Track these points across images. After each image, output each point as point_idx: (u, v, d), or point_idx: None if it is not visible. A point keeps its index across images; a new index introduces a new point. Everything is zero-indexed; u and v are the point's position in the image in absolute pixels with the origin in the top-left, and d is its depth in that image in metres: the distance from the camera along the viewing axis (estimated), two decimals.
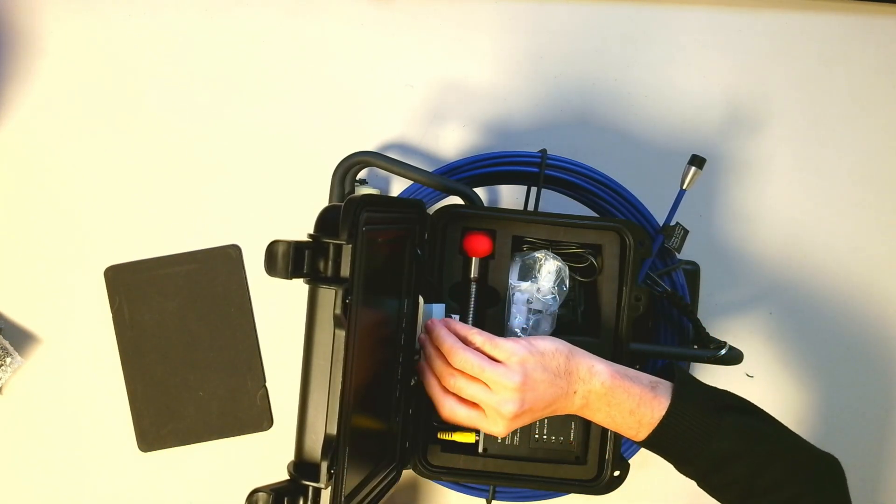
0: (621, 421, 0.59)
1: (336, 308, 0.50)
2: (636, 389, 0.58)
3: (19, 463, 0.81)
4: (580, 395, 0.58)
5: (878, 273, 0.84)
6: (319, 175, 0.75)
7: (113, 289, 0.81)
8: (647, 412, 0.58)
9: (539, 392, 0.57)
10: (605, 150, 0.84)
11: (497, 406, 0.56)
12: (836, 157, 0.85)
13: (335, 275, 0.51)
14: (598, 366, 0.59)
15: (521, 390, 0.56)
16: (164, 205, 0.82)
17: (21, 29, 0.82)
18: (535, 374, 0.57)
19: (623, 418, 0.58)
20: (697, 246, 0.80)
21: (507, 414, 0.56)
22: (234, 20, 0.83)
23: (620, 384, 0.58)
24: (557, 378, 0.58)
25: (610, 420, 0.59)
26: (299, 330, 0.51)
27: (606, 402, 0.58)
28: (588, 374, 0.58)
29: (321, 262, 0.51)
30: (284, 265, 0.49)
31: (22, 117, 0.82)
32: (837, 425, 0.84)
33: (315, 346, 0.51)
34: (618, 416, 0.58)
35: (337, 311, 0.50)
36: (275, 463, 0.81)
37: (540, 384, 0.57)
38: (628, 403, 0.58)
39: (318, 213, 0.52)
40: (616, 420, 0.59)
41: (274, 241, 0.49)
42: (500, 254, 0.67)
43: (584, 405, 0.59)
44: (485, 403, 0.57)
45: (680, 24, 0.84)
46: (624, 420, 0.58)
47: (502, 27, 0.84)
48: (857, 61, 0.85)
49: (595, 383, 0.58)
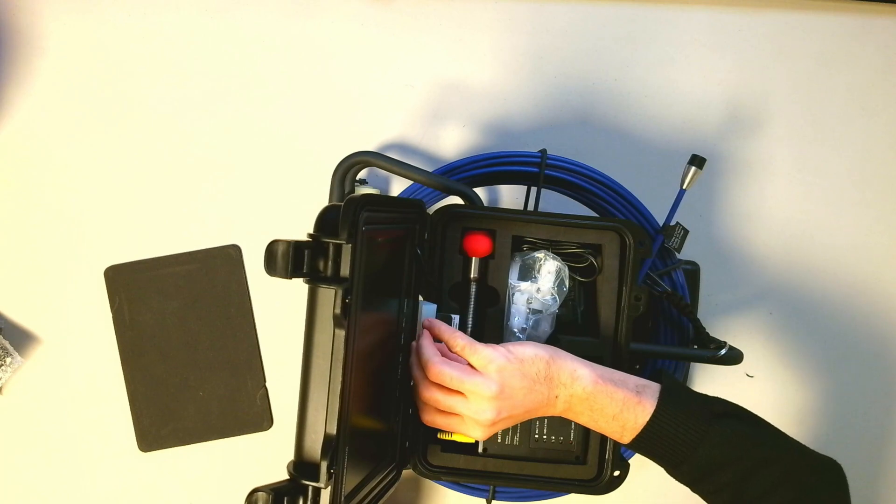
0: (605, 425, 0.59)
1: (336, 308, 0.50)
2: (620, 394, 0.58)
3: (19, 463, 0.81)
4: (562, 399, 0.59)
5: (878, 273, 0.84)
6: (319, 175, 0.75)
7: (113, 289, 0.81)
8: (631, 417, 0.58)
9: (516, 399, 0.57)
10: (605, 150, 0.84)
11: (474, 415, 0.57)
12: (836, 157, 0.85)
13: (335, 274, 0.51)
14: (580, 370, 0.59)
15: (497, 399, 0.56)
16: (164, 205, 0.82)
17: (21, 29, 0.82)
18: (513, 382, 0.57)
19: (606, 422, 0.59)
20: (697, 246, 0.80)
21: (485, 422, 0.57)
22: (234, 20, 0.83)
23: (603, 389, 0.58)
24: (537, 384, 0.58)
25: (593, 423, 0.59)
26: (299, 330, 0.51)
27: (589, 406, 0.58)
28: (570, 378, 0.58)
29: (321, 261, 0.51)
30: (284, 265, 0.49)
31: (22, 117, 0.82)
32: (837, 425, 0.84)
33: (315, 345, 0.51)
34: (601, 419, 0.59)
35: (337, 311, 0.50)
36: (275, 463, 0.81)
37: (518, 391, 0.57)
38: (611, 408, 0.58)
39: (318, 213, 0.52)
40: (599, 423, 0.59)
41: (273, 240, 0.49)
42: (500, 254, 0.67)
43: (567, 409, 0.59)
44: (461, 413, 0.58)
45: (680, 24, 0.84)
46: (607, 424, 0.59)
47: (502, 27, 0.84)
48: (857, 61, 0.85)
49: (577, 388, 0.58)
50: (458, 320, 0.67)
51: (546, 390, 0.58)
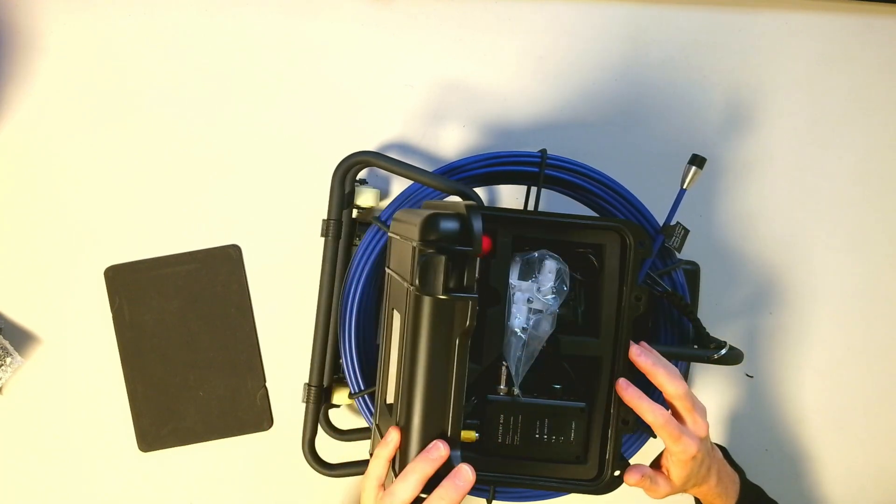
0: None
1: (469, 319, 0.49)
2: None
3: (19, 463, 0.81)
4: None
5: (877, 273, 0.84)
6: (319, 175, 0.75)
7: (113, 289, 0.81)
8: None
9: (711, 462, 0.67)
10: (605, 150, 0.84)
11: (698, 430, 0.64)
12: (836, 157, 0.85)
13: (470, 285, 0.51)
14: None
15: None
16: (163, 204, 0.82)
17: (21, 29, 0.82)
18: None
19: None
20: (697, 246, 0.80)
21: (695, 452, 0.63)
22: (234, 20, 0.83)
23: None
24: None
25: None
26: (299, 330, 0.51)
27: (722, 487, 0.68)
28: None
29: (456, 273, 0.51)
30: (445, 282, 0.49)
31: (22, 117, 0.82)
32: (837, 425, 0.84)
33: (433, 355, 0.51)
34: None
35: (473, 322, 0.50)
36: (275, 463, 0.81)
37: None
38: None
39: (432, 221, 0.51)
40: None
41: (428, 254, 0.48)
42: (500, 254, 0.67)
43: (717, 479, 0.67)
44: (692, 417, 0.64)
45: (680, 24, 0.84)
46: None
47: (502, 27, 0.84)
48: (857, 61, 0.85)
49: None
50: None
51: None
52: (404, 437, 0.55)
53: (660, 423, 0.60)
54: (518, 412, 0.67)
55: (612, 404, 0.66)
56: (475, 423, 0.67)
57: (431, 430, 0.52)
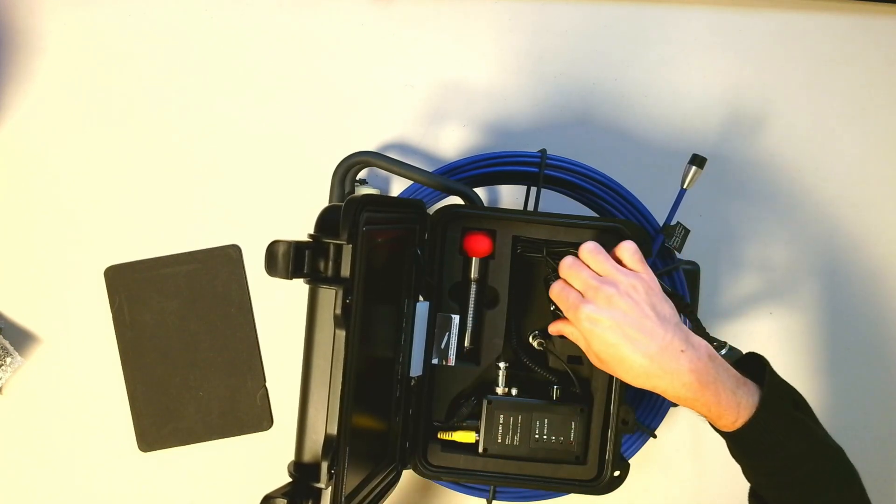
0: (725, 399, 0.56)
1: (336, 308, 0.50)
2: (732, 370, 0.57)
3: (19, 463, 0.81)
4: (688, 357, 0.56)
5: (878, 273, 0.84)
6: (319, 175, 0.75)
7: (113, 289, 0.81)
8: (743, 393, 0.57)
9: (656, 312, 0.57)
10: (605, 150, 0.84)
11: (629, 289, 0.58)
12: (836, 157, 0.85)
13: (335, 275, 0.51)
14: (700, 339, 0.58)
15: (649, 292, 0.58)
16: (163, 205, 0.82)
17: (20, 28, 0.82)
18: (657, 299, 0.58)
19: (727, 396, 0.56)
20: (697, 246, 0.80)
21: (636, 300, 0.57)
22: (234, 20, 0.83)
23: (721, 360, 0.57)
24: (673, 323, 0.58)
25: (715, 398, 0.56)
26: (299, 330, 0.51)
27: (715, 374, 0.56)
28: (698, 341, 0.58)
29: (321, 262, 0.51)
30: (285, 265, 0.49)
31: (21, 117, 0.82)
32: (838, 425, 0.84)
33: (315, 345, 0.51)
34: (723, 392, 0.56)
35: (337, 311, 0.50)
36: (275, 463, 0.81)
37: (660, 307, 0.58)
38: (730, 381, 0.57)
39: (319, 214, 0.52)
40: (721, 397, 0.56)
41: (274, 241, 0.49)
42: (500, 254, 0.67)
43: (693, 369, 0.56)
44: (617, 280, 0.58)
45: (680, 24, 0.84)
46: (728, 399, 0.56)
47: (502, 27, 0.84)
48: (858, 61, 0.85)
49: (702, 352, 0.57)
50: (457, 321, 0.67)
51: (676, 338, 0.56)
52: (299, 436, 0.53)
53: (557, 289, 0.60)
54: (518, 412, 0.67)
55: (612, 404, 0.66)
56: (475, 424, 0.67)
57: (316, 428, 0.51)
